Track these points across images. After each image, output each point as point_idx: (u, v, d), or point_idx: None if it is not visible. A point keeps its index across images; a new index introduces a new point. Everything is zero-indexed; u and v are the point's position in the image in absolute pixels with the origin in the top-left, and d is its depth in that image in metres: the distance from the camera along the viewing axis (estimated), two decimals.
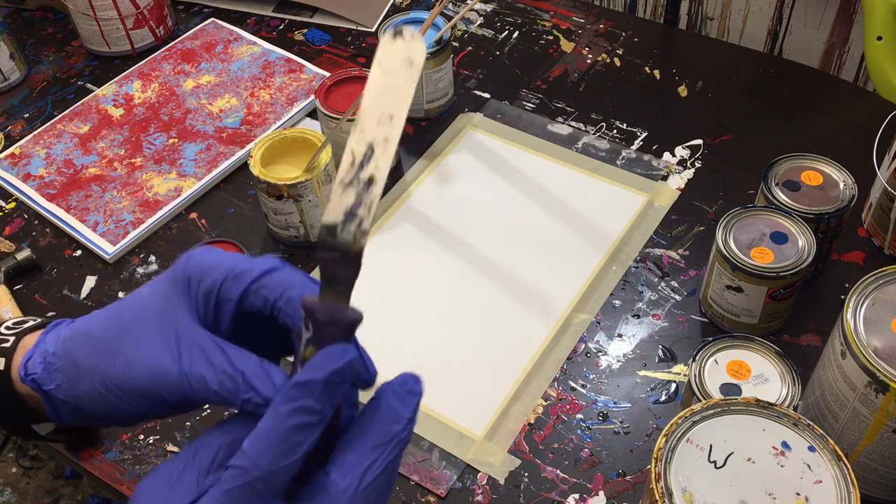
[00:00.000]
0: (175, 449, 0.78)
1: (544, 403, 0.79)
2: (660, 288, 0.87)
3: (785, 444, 0.55)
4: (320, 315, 0.39)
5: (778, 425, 0.56)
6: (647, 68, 1.11)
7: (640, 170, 0.98)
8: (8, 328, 0.49)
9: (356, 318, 0.40)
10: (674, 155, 1.00)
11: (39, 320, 0.50)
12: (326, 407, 0.38)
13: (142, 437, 0.79)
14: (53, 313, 0.89)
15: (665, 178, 0.97)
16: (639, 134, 1.02)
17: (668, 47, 1.15)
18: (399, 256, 0.91)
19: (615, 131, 1.03)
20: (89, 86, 1.12)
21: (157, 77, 1.11)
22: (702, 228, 0.92)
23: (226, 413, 0.80)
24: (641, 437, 0.77)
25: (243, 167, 1.01)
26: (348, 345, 0.39)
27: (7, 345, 0.47)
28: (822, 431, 0.56)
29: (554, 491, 0.74)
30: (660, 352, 0.82)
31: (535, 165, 0.99)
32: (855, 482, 0.53)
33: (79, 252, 0.94)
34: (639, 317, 0.85)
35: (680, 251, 0.90)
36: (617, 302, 0.86)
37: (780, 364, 0.71)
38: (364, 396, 0.42)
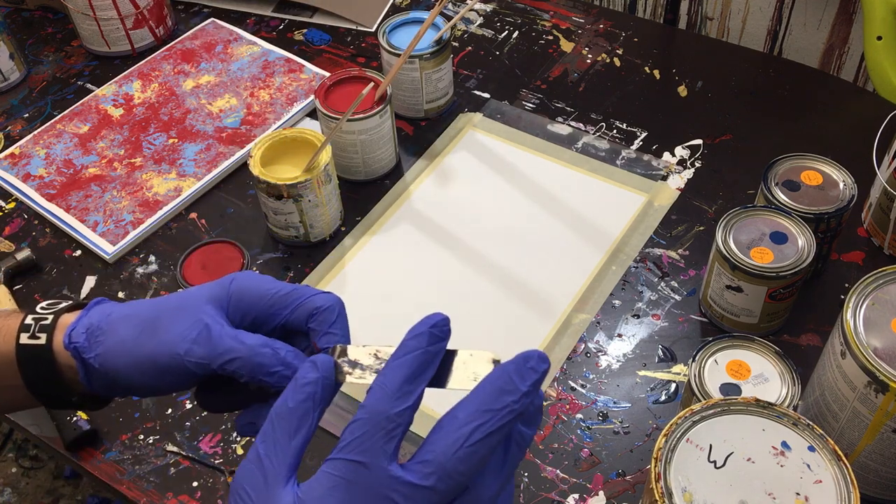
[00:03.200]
0: (175, 449, 0.78)
1: (544, 403, 0.79)
2: (660, 288, 0.87)
3: (785, 444, 0.55)
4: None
5: (778, 425, 0.56)
6: (646, 68, 1.11)
7: (639, 170, 0.98)
8: (43, 308, 0.54)
9: None
10: (674, 155, 1.00)
11: (71, 302, 0.55)
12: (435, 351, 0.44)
13: (142, 437, 0.79)
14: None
15: (665, 178, 0.97)
16: (639, 134, 1.02)
17: (668, 47, 1.15)
18: (399, 256, 0.91)
19: (615, 131, 1.03)
20: (89, 86, 1.12)
21: (157, 77, 1.11)
22: (702, 228, 0.92)
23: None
24: (641, 437, 0.77)
25: (243, 167, 1.01)
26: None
27: (47, 322, 0.52)
28: (821, 431, 0.56)
29: (554, 491, 0.74)
30: (660, 352, 0.82)
31: (535, 165, 0.99)
32: (855, 482, 0.53)
33: (79, 252, 0.94)
34: (639, 317, 0.85)
35: (680, 251, 0.90)
36: (617, 302, 0.86)
37: (780, 364, 0.71)
38: None
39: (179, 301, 0.51)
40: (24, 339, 0.52)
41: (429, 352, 0.44)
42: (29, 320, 0.53)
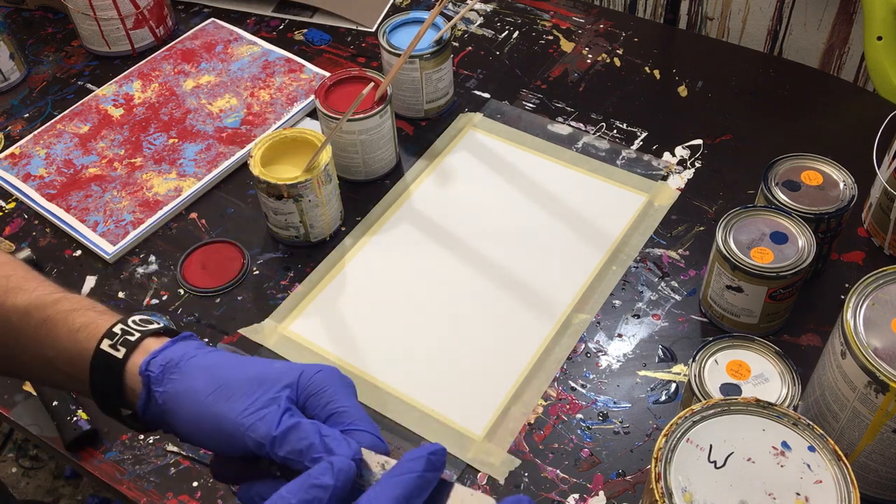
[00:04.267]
0: (175, 449, 0.78)
1: (544, 403, 0.79)
2: (660, 288, 0.87)
3: (785, 444, 0.55)
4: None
5: (778, 425, 0.56)
6: (647, 68, 1.11)
7: (640, 170, 0.98)
8: (135, 322, 0.55)
9: None
10: (674, 155, 1.00)
11: (163, 325, 0.56)
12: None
13: (142, 437, 0.79)
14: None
15: (665, 178, 0.97)
16: (639, 134, 1.02)
17: (668, 47, 1.15)
18: (399, 256, 0.91)
19: (615, 131, 1.03)
20: (89, 86, 1.12)
21: (157, 77, 1.11)
22: (702, 228, 0.92)
23: None
24: (641, 437, 0.77)
25: (243, 167, 1.01)
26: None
27: (133, 338, 0.54)
28: (821, 431, 0.56)
29: (554, 491, 0.74)
30: (660, 352, 0.82)
31: (535, 165, 0.99)
32: (855, 482, 0.53)
33: (79, 252, 0.94)
34: (639, 317, 0.85)
35: (680, 251, 0.90)
36: (617, 302, 0.86)
37: (780, 364, 0.71)
38: None
39: (259, 373, 0.51)
40: (105, 345, 0.53)
41: (424, 477, 0.44)
42: (117, 329, 0.54)
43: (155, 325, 0.56)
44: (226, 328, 0.86)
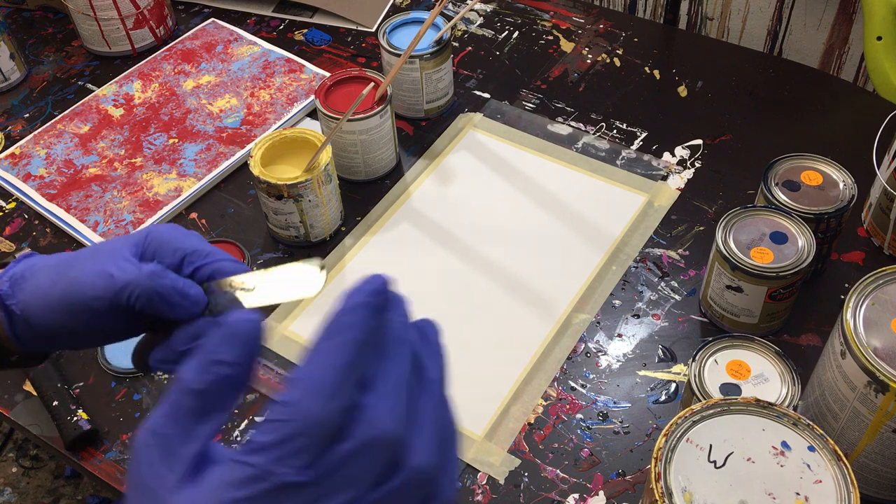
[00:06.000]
0: None
1: (544, 403, 0.79)
2: (660, 288, 0.87)
3: (785, 444, 0.55)
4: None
5: (778, 425, 0.56)
6: (646, 68, 1.11)
7: (639, 170, 0.98)
8: None
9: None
10: (674, 155, 1.00)
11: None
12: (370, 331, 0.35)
13: None
14: None
15: (665, 178, 0.97)
16: (639, 134, 1.02)
17: (668, 47, 1.15)
18: (398, 256, 0.91)
19: (615, 131, 1.03)
20: (89, 86, 1.13)
21: (158, 77, 1.11)
22: (702, 228, 0.92)
23: None
24: (641, 437, 0.77)
25: (243, 167, 1.01)
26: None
27: None
28: (821, 431, 0.56)
29: (554, 491, 0.74)
30: (660, 352, 0.82)
31: (535, 165, 0.99)
32: (855, 482, 0.53)
33: None
34: (639, 317, 0.85)
35: (680, 251, 0.90)
36: (617, 302, 0.86)
37: (780, 364, 0.71)
38: None
39: (97, 246, 0.51)
40: None
41: (367, 326, 0.35)
42: None
43: None
44: None
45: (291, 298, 0.47)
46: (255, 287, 0.47)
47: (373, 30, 1.18)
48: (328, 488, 0.32)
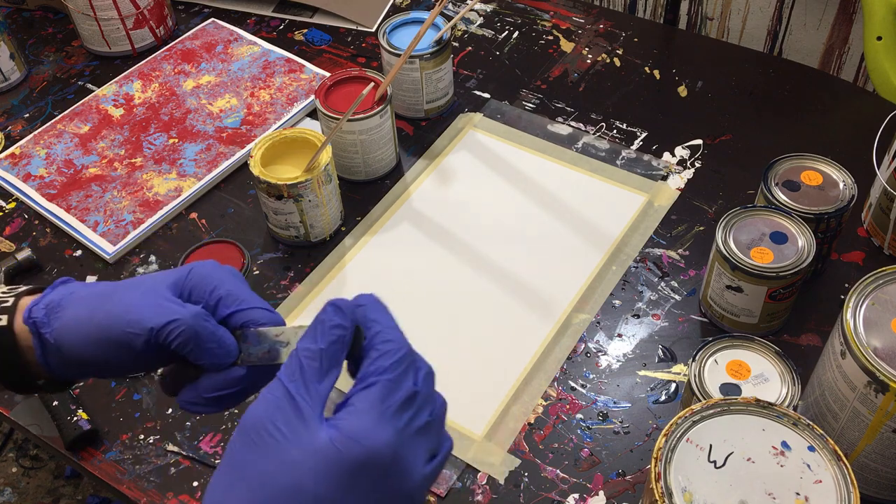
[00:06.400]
0: (175, 448, 0.78)
1: (544, 403, 0.79)
2: (660, 288, 0.87)
3: (785, 444, 0.55)
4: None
5: (778, 425, 0.56)
6: (646, 68, 1.11)
7: (639, 170, 0.98)
8: (4, 292, 0.54)
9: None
10: (674, 155, 1.00)
11: (32, 286, 0.55)
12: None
13: (142, 437, 0.79)
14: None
15: (665, 178, 0.97)
16: (639, 134, 1.02)
17: (668, 47, 1.15)
18: (399, 256, 0.91)
19: (615, 131, 1.03)
20: (89, 86, 1.13)
21: (158, 77, 1.11)
22: (702, 228, 0.92)
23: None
24: (641, 437, 0.77)
25: (243, 167, 1.01)
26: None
27: (7, 304, 0.52)
28: (821, 431, 0.56)
29: (554, 491, 0.74)
30: (660, 352, 0.82)
31: (535, 165, 0.99)
32: (855, 482, 0.53)
33: (79, 252, 0.94)
34: (639, 317, 0.85)
35: (680, 251, 0.90)
36: (617, 302, 0.86)
37: (780, 364, 0.71)
38: None
39: (138, 279, 0.51)
40: None
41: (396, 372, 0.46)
42: None
43: (24, 287, 0.54)
44: None
45: None
46: (289, 342, 0.49)
47: (373, 30, 1.18)
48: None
